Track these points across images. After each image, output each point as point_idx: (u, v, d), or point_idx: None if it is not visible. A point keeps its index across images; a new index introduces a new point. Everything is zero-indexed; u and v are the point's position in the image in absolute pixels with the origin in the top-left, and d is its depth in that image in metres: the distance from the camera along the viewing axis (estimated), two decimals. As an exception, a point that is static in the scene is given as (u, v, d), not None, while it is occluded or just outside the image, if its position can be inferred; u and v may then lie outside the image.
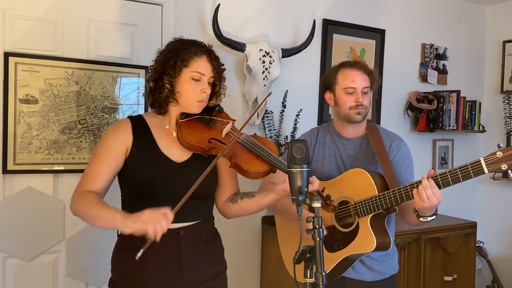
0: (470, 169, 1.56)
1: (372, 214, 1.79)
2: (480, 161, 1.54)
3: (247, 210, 1.74)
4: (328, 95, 2.05)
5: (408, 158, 1.98)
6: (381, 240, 1.80)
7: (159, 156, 1.63)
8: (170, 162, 1.64)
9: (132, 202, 1.64)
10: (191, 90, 1.62)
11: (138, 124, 1.67)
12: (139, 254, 1.37)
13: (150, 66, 1.70)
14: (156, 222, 1.38)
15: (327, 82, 2.04)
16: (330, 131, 2.09)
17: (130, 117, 1.70)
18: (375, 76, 2.01)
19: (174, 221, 1.44)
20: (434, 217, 1.72)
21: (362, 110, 1.95)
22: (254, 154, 1.65)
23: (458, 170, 1.59)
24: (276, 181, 1.75)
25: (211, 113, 1.71)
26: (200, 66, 1.63)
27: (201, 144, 1.62)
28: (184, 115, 1.66)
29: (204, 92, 1.64)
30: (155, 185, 1.60)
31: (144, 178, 1.60)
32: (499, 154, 1.51)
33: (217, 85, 1.71)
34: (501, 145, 1.53)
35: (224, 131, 1.67)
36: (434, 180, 1.63)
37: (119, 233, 1.70)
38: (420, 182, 1.65)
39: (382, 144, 1.96)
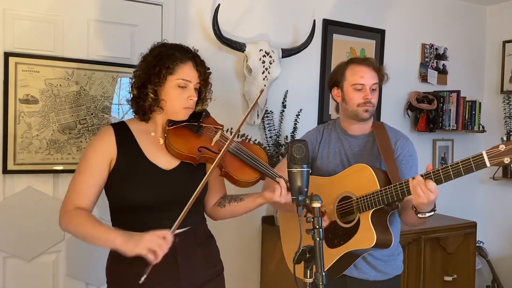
0: (472, 162, 1.53)
1: (373, 209, 1.77)
2: (482, 154, 1.51)
3: (235, 213, 1.75)
4: (335, 91, 2.02)
5: (413, 158, 1.95)
6: (381, 237, 1.76)
7: (147, 165, 1.59)
8: (159, 170, 1.60)
9: (122, 212, 1.60)
10: (177, 98, 1.59)
11: (121, 132, 1.61)
12: (142, 279, 1.40)
13: (134, 71, 1.64)
14: (157, 246, 1.41)
15: (335, 78, 2.01)
16: (336, 128, 2.07)
17: (113, 125, 1.65)
18: (384, 72, 1.99)
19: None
20: (432, 213, 1.69)
21: (370, 108, 1.93)
22: (244, 163, 1.64)
23: (460, 163, 1.56)
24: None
25: (198, 118, 1.68)
26: (186, 73, 1.59)
27: (191, 153, 1.59)
28: (171, 122, 1.62)
29: (191, 99, 1.61)
30: (146, 194, 1.56)
31: (133, 189, 1.56)
32: (502, 147, 1.48)
33: (203, 91, 1.69)
34: (504, 139, 1.51)
35: (214, 140, 1.65)
36: (435, 174, 1.60)
37: None
38: (421, 176, 1.62)
39: (388, 142, 1.93)
